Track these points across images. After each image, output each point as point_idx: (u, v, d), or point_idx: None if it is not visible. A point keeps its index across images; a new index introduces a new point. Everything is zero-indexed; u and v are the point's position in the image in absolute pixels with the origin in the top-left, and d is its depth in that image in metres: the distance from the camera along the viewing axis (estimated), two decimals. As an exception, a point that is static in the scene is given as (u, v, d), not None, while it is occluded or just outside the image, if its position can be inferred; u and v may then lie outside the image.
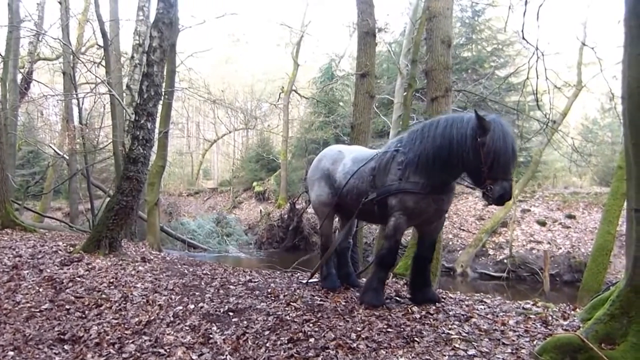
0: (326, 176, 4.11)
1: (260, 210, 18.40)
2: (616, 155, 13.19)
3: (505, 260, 11.68)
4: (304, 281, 4.37)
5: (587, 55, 14.11)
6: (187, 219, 16.47)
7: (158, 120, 8.73)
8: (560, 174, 19.19)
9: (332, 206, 4.07)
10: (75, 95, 10.62)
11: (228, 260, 11.38)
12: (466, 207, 14.32)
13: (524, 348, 2.61)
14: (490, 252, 12.26)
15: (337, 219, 4.42)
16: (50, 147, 14.51)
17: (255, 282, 4.50)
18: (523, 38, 4.09)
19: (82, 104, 11.23)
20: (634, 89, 2.24)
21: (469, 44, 17.55)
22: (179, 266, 5.38)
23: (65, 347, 3.44)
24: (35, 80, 13.98)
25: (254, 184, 21.31)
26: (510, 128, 3.04)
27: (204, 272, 5.03)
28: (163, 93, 7.94)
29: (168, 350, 3.26)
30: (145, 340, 3.45)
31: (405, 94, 9.51)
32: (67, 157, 12.59)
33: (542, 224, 12.83)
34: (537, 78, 4.42)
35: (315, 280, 4.35)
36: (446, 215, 3.84)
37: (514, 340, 2.73)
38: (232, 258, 12.83)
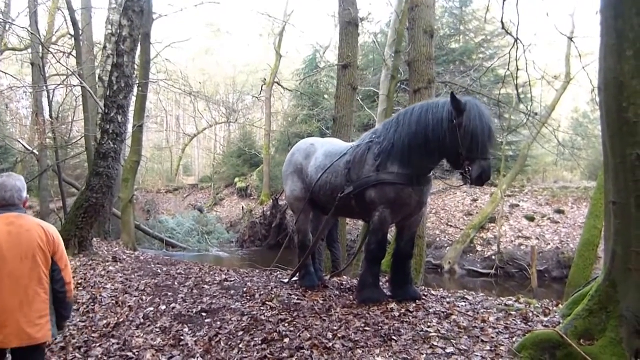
0: (299, 170, 3.99)
1: (243, 207, 18.08)
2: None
3: (493, 257, 11.34)
4: (285, 281, 4.24)
5: (578, 46, 14.02)
6: (165, 216, 16.01)
7: (132, 113, 8.44)
8: (550, 168, 18.83)
9: (306, 201, 3.95)
10: (45, 88, 10.11)
11: (208, 260, 11.10)
12: (454, 202, 14.18)
13: (503, 345, 2.56)
14: (479, 248, 11.94)
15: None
16: (19, 142, 13.79)
17: (231, 281, 4.36)
18: (503, 28, 4.05)
19: (53, 96, 10.65)
20: (610, 79, 2.19)
21: (456, 35, 17.00)
22: (153, 266, 5.19)
23: (25, 354, 3.23)
24: (2, 72, 13.26)
25: (236, 179, 20.90)
26: (486, 108, 3.03)
27: (178, 271, 4.87)
28: (137, 85, 7.64)
29: (137, 353, 3.13)
30: (113, 344, 3.33)
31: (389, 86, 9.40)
32: (37, 153, 12.00)
33: (531, 219, 12.51)
34: (518, 69, 4.39)
35: (286, 280, 4.23)
36: (428, 209, 3.77)
37: (493, 338, 2.68)
38: (213, 257, 12.53)
